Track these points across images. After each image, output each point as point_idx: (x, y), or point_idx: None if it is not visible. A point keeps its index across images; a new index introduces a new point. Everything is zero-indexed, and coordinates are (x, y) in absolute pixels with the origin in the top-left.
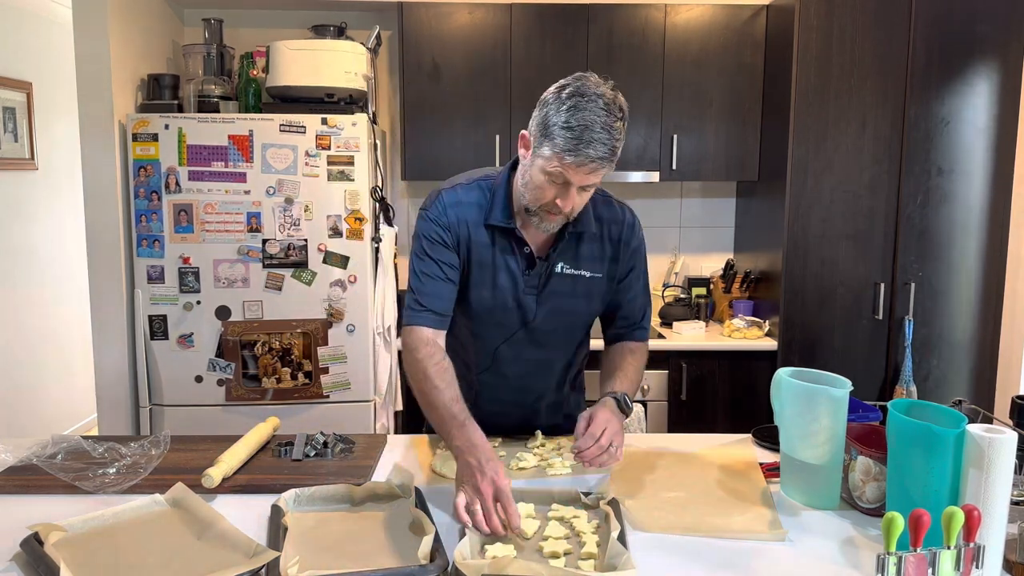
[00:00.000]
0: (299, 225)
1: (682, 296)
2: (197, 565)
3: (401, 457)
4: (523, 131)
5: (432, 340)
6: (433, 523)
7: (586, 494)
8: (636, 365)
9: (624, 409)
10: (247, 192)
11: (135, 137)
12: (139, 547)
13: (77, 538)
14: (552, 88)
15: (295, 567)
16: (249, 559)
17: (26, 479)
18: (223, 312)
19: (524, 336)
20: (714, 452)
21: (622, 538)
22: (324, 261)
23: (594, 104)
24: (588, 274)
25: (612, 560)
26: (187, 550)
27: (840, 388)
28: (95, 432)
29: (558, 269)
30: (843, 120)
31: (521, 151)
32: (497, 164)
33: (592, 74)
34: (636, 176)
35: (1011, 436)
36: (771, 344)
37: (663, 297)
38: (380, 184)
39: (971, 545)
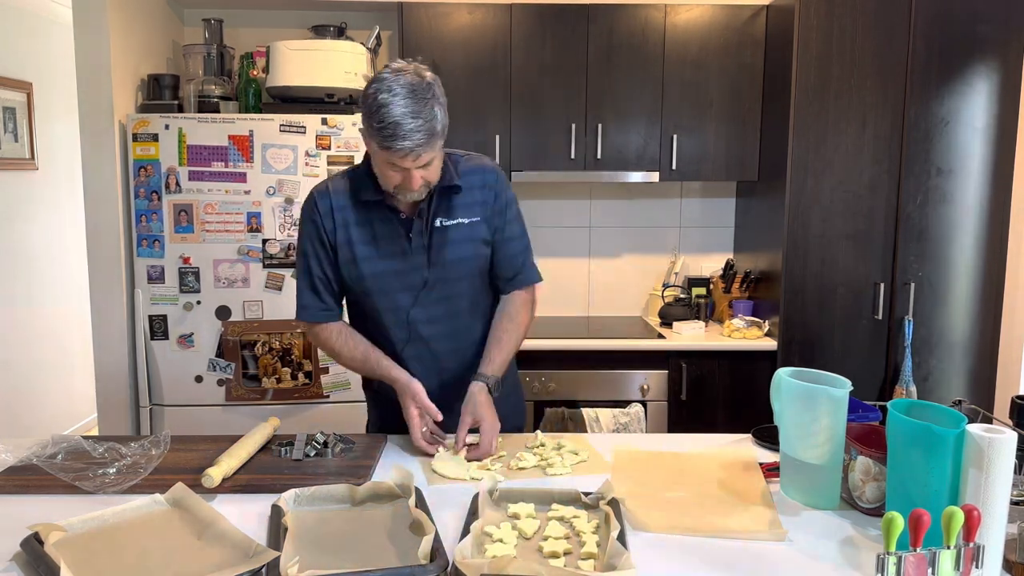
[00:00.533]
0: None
1: (682, 296)
2: (197, 565)
3: (401, 457)
4: (359, 126)
5: (336, 328)
6: (433, 523)
7: (586, 494)
8: (512, 329)
9: (493, 394)
10: (247, 192)
11: (135, 137)
12: (139, 547)
13: (77, 538)
14: (369, 83)
15: (295, 567)
16: (249, 559)
17: (26, 479)
18: (223, 312)
19: (428, 295)
20: (714, 452)
21: (622, 538)
22: None
23: (397, 96)
24: (466, 220)
25: (612, 560)
26: (187, 550)
27: (840, 388)
28: (95, 432)
29: (437, 224)
30: (843, 120)
31: (367, 145)
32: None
33: (395, 61)
34: (636, 176)
35: (1011, 436)
36: (771, 344)
37: (663, 297)
38: None
39: (971, 545)
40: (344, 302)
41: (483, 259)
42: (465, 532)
